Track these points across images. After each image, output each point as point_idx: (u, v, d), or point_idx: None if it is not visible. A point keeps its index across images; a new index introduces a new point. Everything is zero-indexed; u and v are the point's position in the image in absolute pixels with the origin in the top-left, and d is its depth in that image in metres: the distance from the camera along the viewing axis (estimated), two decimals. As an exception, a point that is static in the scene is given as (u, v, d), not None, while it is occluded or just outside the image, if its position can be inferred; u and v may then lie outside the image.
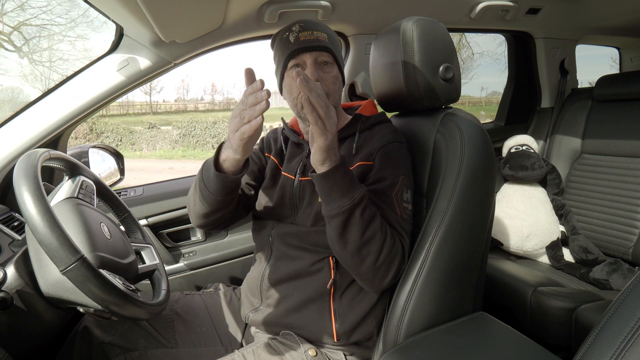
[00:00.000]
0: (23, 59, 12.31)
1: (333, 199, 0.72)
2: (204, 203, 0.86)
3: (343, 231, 0.73)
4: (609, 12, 1.79)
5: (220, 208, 0.87)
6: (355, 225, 0.72)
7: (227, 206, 0.88)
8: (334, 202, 0.72)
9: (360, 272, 0.76)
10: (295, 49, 0.85)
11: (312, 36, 0.86)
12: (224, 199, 0.84)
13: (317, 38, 0.86)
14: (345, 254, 0.75)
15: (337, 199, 0.72)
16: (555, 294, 1.20)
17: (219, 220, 0.92)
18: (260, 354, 0.82)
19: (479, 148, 0.81)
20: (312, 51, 0.86)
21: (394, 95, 0.96)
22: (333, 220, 0.73)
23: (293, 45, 0.86)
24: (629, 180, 1.50)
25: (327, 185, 0.71)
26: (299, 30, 0.87)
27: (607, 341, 0.45)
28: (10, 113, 1.11)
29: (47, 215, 0.62)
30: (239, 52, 54.20)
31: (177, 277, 1.41)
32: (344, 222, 0.72)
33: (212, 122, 12.50)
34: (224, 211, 0.89)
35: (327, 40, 0.88)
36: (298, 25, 0.88)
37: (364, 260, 0.74)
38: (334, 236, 0.74)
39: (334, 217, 0.72)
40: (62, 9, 15.51)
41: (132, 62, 1.14)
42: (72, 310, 0.76)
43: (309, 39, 0.86)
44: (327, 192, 0.72)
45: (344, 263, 0.78)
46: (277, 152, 1.01)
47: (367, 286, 0.81)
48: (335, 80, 0.89)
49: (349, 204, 0.71)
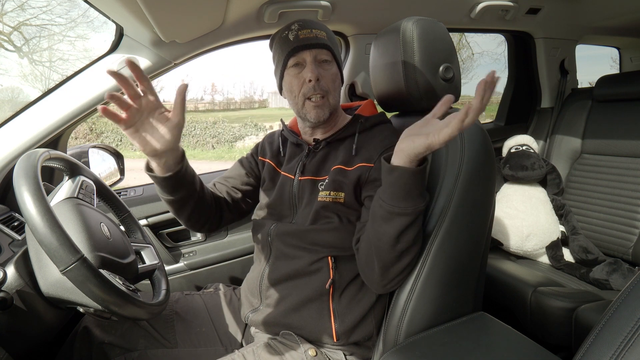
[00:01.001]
0: (23, 59, 12.31)
1: (410, 198, 0.69)
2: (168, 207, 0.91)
3: (404, 230, 0.70)
4: (609, 12, 1.79)
5: (181, 206, 0.89)
6: (415, 227, 0.72)
7: (185, 204, 0.89)
8: (410, 201, 0.69)
9: (389, 270, 0.75)
10: (295, 46, 0.86)
11: (312, 34, 0.87)
12: (175, 198, 0.86)
13: (317, 36, 0.87)
14: (390, 252, 0.73)
15: (414, 199, 0.69)
16: (555, 294, 1.20)
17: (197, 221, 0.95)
18: (260, 354, 0.82)
19: (479, 148, 0.81)
20: (311, 49, 0.86)
21: (393, 95, 0.96)
22: (400, 218, 0.70)
23: (293, 43, 0.86)
24: (629, 180, 1.50)
25: (412, 182, 0.68)
26: (298, 28, 0.87)
27: (607, 341, 0.45)
28: (10, 113, 1.11)
29: (47, 215, 0.62)
30: (239, 52, 54.17)
31: (177, 277, 1.41)
32: (409, 222, 0.70)
33: (212, 122, 12.50)
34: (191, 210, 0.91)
35: (326, 38, 0.89)
36: (297, 24, 0.88)
37: (400, 261, 0.74)
38: (392, 233, 0.71)
39: (402, 215, 0.70)
40: (62, 9, 15.49)
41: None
42: (72, 310, 0.76)
43: (308, 36, 0.86)
44: (409, 189, 0.69)
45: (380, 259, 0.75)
46: (274, 155, 1.02)
47: (379, 286, 0.79)
48: (334, 78, 0.89)
49: (422, 206, 0.70)
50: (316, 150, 0.93)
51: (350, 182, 0.85)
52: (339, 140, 0.93)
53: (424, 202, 0.71)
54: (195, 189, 0.89)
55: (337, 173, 0.87)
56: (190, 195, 0.88)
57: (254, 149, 1.08)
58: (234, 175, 1.04)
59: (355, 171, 0.85)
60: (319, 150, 0.93)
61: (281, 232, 0.90)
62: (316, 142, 0.94)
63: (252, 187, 1.04)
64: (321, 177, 0.90)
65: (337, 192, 0.85)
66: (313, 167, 0.91)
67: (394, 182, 0.69)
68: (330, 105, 0.89)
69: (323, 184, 0.88)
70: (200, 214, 0.94)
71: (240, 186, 1.02)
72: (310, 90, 0.86)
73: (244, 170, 1.04)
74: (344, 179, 0.85)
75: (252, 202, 1.05)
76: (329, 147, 0.93)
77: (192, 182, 0.87)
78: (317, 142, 0.94)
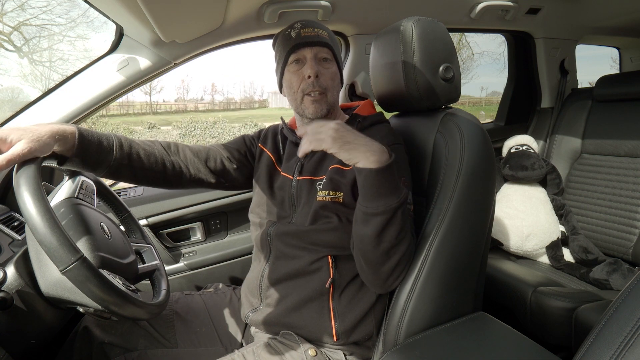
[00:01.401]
0: (23, 59, 12.32)
1: (381, 197, 0.70)
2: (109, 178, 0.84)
3: (382, 230, 0.71)
4: (609, 12, 1.79)
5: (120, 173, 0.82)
6: (395, 224, 0.71)
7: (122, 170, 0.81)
8: (381, 200, 0.70)
9: (380, 270, 0.76)
10: (297, 43, 0.88)
11: (314, 32, 0.89)
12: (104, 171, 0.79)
13: (318, 34, 0.89)
14: (375, 253, 0.73)
15: (385, 197, 0.70)
16: (555, 294, 1.20)
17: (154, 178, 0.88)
18: (260, 353, 0.82)
19: (479, 148, 0.81)
20: (312, 46, 0.88)
21: (393, 95, 0.96)
22: (375, 218, 0.71)
23: (294, 40, 0.88)
24: (629, 180, 1.50)
25: (378, 182, 0.69)
26: (300, 27, 0.89)
27: (607, 341, 0.45)
28: (10, 113, 1.11)
29: (47, 215, 0.62)
30: (239, 52, 54.22)
31: (177, 277, 1.41)
32: (386, 221, 0.70)
33: (212, 122, 12.51)
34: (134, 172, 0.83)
35: (328, 38, 0.90)
36: (300, 23, 0.90)
37: (389, 260, 0.74)
38: (371, 234, 0.72)
39: (377, 215, 0.70)
40: (62, 9, 15.51)
41: (132, 62, 1.14)
42: (72, 310, 0.76)
43: (310, 34, 0.88)
44: (377, 188, 0.70)
45: (366, 260, 0.76)
46: (274, 149, 1.01)
47: (377, 285, 0.80)
48: (333, 77, 0.90)
49: (396, 203, 0.70)
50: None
51: (347, 181, 0.85)
52: None
53: (397, 199, 0.71)
54: (112, 154, 0.79)
55: (334, 172, 0.87)
56: (120, 163, 0.80)
57: (257, 133, 1.07)
58: (231, 146, 1.02)
59: (353, 171, 0.85)
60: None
61: (280, 232, 0.90)
62: None
63: (243, 164, 1.01)
64: (319, 176, 0.90)
65: (336, 192, 0.85)
66: (311, 167, 0.92)
67: (363, 183, 0.71)
68: (328, 102, 0.90)
69: (321, 183, 0.88)
70: (150, 172, 0.87)
71: (233, 156, 0.99)
72: (309, 86, 0.87)
73: (243, 147, 1.02)
74: (341, 179, 0.85)
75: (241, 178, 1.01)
76: None
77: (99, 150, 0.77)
78: None
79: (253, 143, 1.05)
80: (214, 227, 1.51)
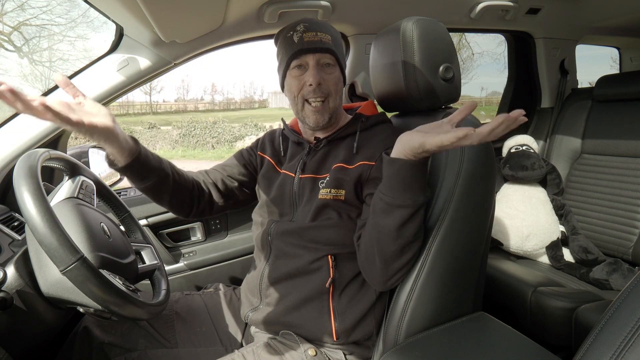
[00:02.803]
0: (23, 59, 12.32)
1: (409, 190, 0.70)
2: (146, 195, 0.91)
3: (404, 224, 0.71)
4: (609, 12, 1.79)
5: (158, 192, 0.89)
6: (417, 221, 0.72)
7: (161, 189, 0.89)
8: (409, 193, 0.70)
9: (390, 267, 0.76)
10: (298, 49, 0.86)
11: (316, 37, 0.87)
12: (149, 184, 0.86)
13: (321, 40, 0.87)
14: (391, 247, 0.73)
15: (414, 191, 0.70)
16: (555, 294, 1.20)
17: (181, 206, 0.96)
18: (260, 353, 0.82)
19: (479, 148, 0.81)
20: (315, 53, 0.86)
21: (394, 95, 0.96)
22: (400, 210, 0.70)
23: (297, 45, 0.86)
24: (629, 180, 1.50)
25: (411, 174, 0.69)
26: (303, 30, 0.87)
27: (607, 341, 0.45)
28: (10, 113, 1.11)
29: (47, 215, 0.62)
30: (239, 52, 54.16)
31: (177, 277, 1.41)
32: (409, 215, 0.71)
33: (212, 122, 12.52)
34: (170, 195, 0.91)
35: (331, 42, 0.88)
36: (302, 25, 0.88)
37: (402, 257, 0.74)
38: (393, 226, 0.72)
39: (402, 208, 0.70)
40: (62, 9, 15.52)
41: (132, 62, 1.14)
42: (72, 310, 0.76)
43: (312, 40, 0.86)
44: (409, 181, 0.69)
45: (381, 254, 0.75)
46: (274, 153, 1.02)
47: (379, 282, 0.79)
48: (337, 82, 0.90)
49: (422, 199, 0.71)
50: (317, 149, 0.94)
51: (351, 180, 0.85)
52: (340, 139, 0.93)
53: (424, 197, 0.71)
54: (166, 173, 0.88)
55: (337, 171, 0.87)
56: (163, 181, 0.88)
57: (254, 143, 1.08)
58: (232, 164, 1.05)
59: (356, 169, 0.85)
60: (320, 148, 0.93)
61: (281, 230, 0.90)
62: (317, 141, 0.94)
63: (248, 179, 1.04)
64: (322, 175, 0.90)
65: (338, 190, 0.85)
66: (314, 165, 0.92)
67: (393, 174, 0.70)
68: (330, 109, 0.90)
69: (323, 181, 0.88)
70: (181, 199, 0.94)
71: (236, 176, 1.03)
72: (310, 93, 0.87)
73: (242, 161, 1.04)
74: (344, 177, 0.86)
75: (248, 192, 1.05)
76: (330, 145, 0.93)
77: (159, 167, 0.87)
78: (318, 141, 0.94)
79: (252, 154, 1.06)
80: (214, 227, 1.52)
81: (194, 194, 0.97)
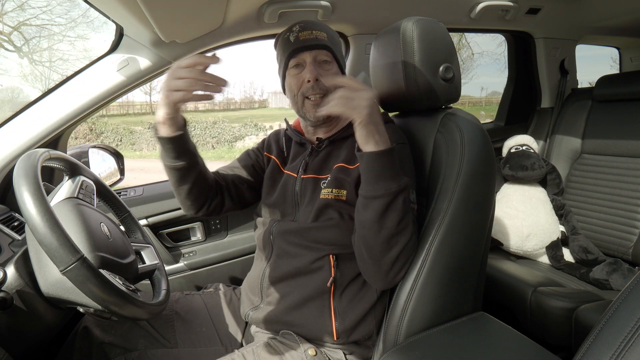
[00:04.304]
0: (23, 59, 12.32)
1: (381, 180, 0.72)
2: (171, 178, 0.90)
3: (383, 214, 0.72)
4: (609, 12, 1.79)
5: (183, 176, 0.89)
6: (396, 211, 0.72)
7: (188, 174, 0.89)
8: (381, 183, 0.72)
9: (381, 261, 0.76)
10: (295, 48, 0.88)
11: (312, 35, 0.89)
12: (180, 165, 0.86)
13: (317, 37, 0.89)
14: (376, 240, 0.74)
15: (385, 181, 0.72)
16: (555, 294, 1.20)
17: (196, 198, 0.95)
18: (260, 353, 0.82)
19: (479, 148, 0.81)
20: (311, 50, 0.88)
21: (394, 95, 0.96)
22: (375, 202, 0.72)
23: (293, 44, 0.88)
24: (629, 180, 1.50)
25: (379, 165, 0.71)
26: (299, 30, 0.89)
27: (607, 341, 0.45)
28: (10, 113, 1.11)
29: (47, 215, 0.62)
30: (239, 52, 54.11)
31: (177, 277, 1.41)
32: (386, 205, 0.72)
33: (212, 122, 12.51)
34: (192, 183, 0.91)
35: (327, 39, 0.90)
36: (298, 25, 0.90)
37: (391, 250, 0.75)
38: (372, 218, 0.73)
39: (377, 198, 0.72)
40: (62, 9, 15.53)
41: (132, 62, 1.14)
42: (72, 310, 0.76)
43: (308, 38, 0.88)
44: (378, 172, 0.72)
45: (368, 249, 0.76)
46: (279, 153, 1.03)
47: (378, 279, 0.79)
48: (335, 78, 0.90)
49: (395, 187, 0.72)
50: (319, 149, 0.94)
51: (352, 179, 0.85)
52: (342, 139, 0.93)
53: (397, 185, 0.72)
54: (197, 161, 0.90)
55: (339, 171, 0.87)
56: (193, 166, 0.89)
57: (261, 143, 1.09)
58: (240, 165, 1.05)
59: (357, 169, 0.85)
60: (322, 148, 0.94)
61: (283, 230, 0.90)
62: (319, 141, 0.95)
63: (256, 180, 1.05)
64: (323, 175, 0.90)
65: (340, 190, 0.85)
66: (316, 166, 0.92)
67: (364, 167, 0.73)
68: None
69: (325, 182, 0.89)
70: (200, 191, 0.94)
71: (245, 176, 1.03)
72: (309, 89, 0.88)
73: (250, 162, 1.05)
74: (346, 177, 0.86)
75: (255, 193, 1.06)
76: (332, 145, 0.94)
77: (194, 152, 0.89)
78: (320, 141, 0.94)
79: (259, 154, 1.07)
80: (214, 227, 1.51)
81: (211, 192, 0.97)
